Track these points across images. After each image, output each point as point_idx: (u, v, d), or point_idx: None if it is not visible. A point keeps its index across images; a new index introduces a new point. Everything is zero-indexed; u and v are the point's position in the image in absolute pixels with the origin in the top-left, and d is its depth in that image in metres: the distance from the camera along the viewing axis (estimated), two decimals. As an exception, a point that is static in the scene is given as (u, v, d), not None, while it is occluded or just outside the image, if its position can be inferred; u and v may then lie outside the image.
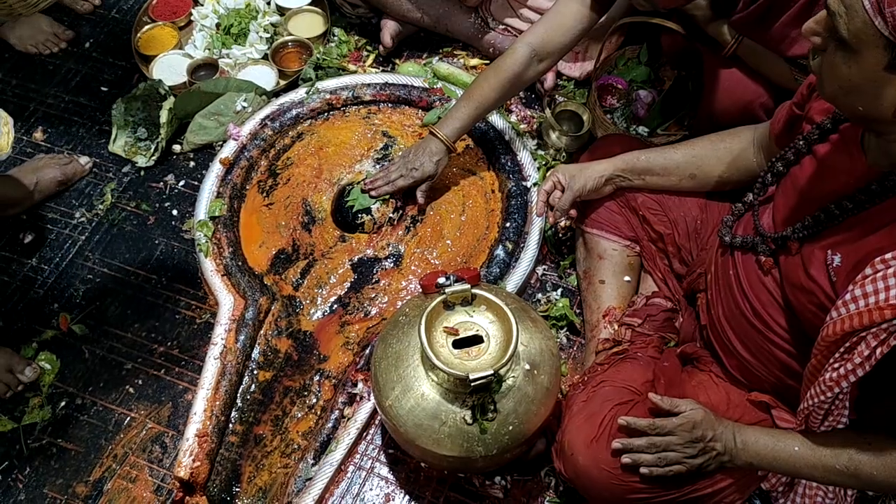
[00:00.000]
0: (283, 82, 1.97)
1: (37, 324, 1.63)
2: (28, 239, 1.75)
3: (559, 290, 1.67)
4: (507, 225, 1.69)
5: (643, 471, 1.12)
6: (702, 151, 1.39)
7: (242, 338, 1.53)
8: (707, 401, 1.20)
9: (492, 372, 1.10)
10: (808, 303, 1.03)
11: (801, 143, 1.11)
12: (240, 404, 1.49)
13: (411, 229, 1.71)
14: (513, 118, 1.91)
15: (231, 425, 1.46)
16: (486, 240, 1.70)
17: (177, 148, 1.90)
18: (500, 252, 1.65)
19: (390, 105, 1.92)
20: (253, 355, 1.54)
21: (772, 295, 1.13)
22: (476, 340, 1.18)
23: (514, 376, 1.18)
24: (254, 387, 1.51)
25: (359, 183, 1.75)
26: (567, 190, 1.41)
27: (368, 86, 1.91)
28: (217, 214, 1.71)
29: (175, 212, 1.80)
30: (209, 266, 1.64)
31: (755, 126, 1.36)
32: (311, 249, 1.70)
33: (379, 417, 1.48)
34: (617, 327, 1.42)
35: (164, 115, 1.83)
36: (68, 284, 1.69)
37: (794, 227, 1.07)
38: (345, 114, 1.92)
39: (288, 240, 1.71)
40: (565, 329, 1.62)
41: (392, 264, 1.67)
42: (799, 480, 1.20)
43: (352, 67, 2.02)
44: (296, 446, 1.46)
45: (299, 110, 1.88)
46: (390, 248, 1.69)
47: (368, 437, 1.49)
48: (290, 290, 1.64)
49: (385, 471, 1.46)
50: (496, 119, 1.84)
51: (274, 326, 1.57)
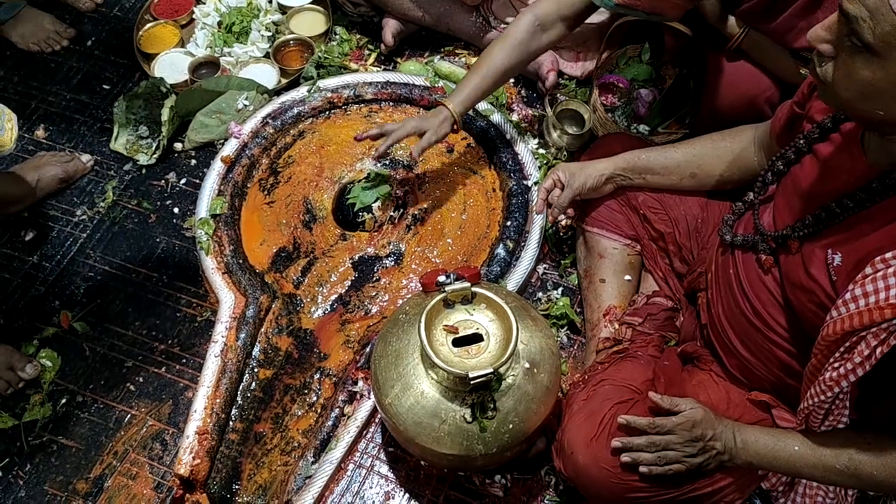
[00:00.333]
0: (284, 81, 1.97)
1: (38, 321, 1.63)
2: (29, 236, 1.76)
3: (560, 289, 1.67)
4: (508, 224, 1.69)
5: (643, 469, 1.12)
6: (702, 150, 1.39)
7: (243, 336, 1.53)
8: (707, 400, 1.20)
9: (491, 370, 1.09)
10: (808, 302, 1.03)
11: (802, 142, 1.11)
12: (240, 402, 1.49)
13: (412, 228, 1.71)
14: (514, 117, 1.91)
15: (231, 423, 1.47)
16: (487, 238, 1.70)
17: (178, 146, 1.90)
18: (500, 251, 1.65)
19: (392, 104, 1.92)
20: (253, 353, 1.54)
21: (772, 294, 1.13)
22: (476, 339, 1.18)
23: (514, 375, 1.18)
24: (254, 384, 1.51)
25: (360, 181, 1.75)
26: (567, 188, 1.41)
27: (370, 84, 1.91)
28: (218, 212, 1.71)
29: (176, 210, 1.81)
30: (210, 264, 1.64)
31: (756, 125, 1.36)
32: (312, 248, 1.70)
33: (379, 415, 1.48)
34: (617, 326, 1.42)
35: (165, 113, 1.83)
36: (69, 282, 1.69)
37: (794, 226, 1.07)
38: (346, 112, 1.92)
39: (289, 238, 1.71)
40: (566, 328, 1.62)
41: (393, 263, 1.67)
42: (799, 480, 1.20)
43: (353, 66, 2.02)
44: (296, 444, 1.46)
45: (301, 109, 1.88)
46: (391, 247, 1.69)
47: (368, 436, 1.49)
48: (290, 288, 1.64)
49: (385, 469, 1.47)
50: (497, 117, 1.84)
51: (274, 324, 1.58)
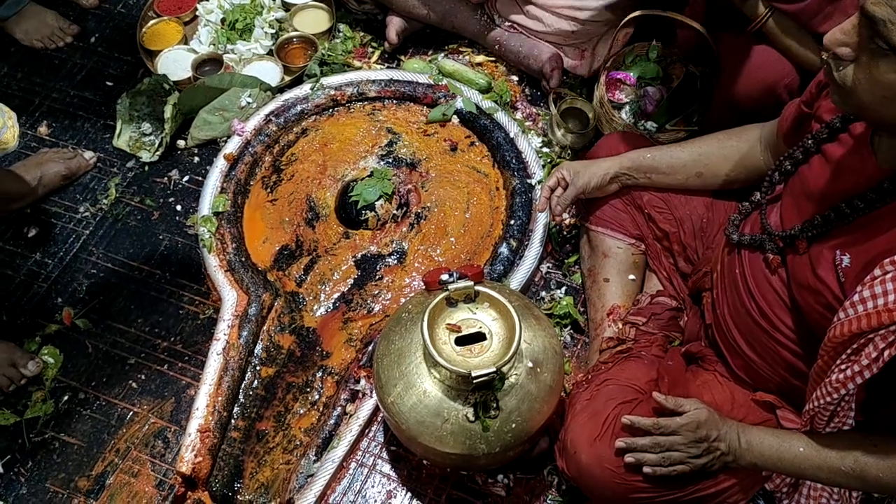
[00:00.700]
0: (287, 78, 1.97)
1: (40, 318, 1.63)
2: (32, 233, 1.76)
3: (563, 288, 1.66)
4: (512, 222, 1.68)
5: (646, 470, 1.12)
6: (708, 150, 1.38)
7: (245, 333, 1.52)
8: (711, 400, 1.19)
9: (494, 369, 1.09)
10: (815, 303, 1.03)
11: (810, 141, 1.10)
12: (242, 400, 1.49)
13: (415, 226, 1.71)
14: (518, 115, 1.90)
15: (233, 421, 1.46)
16: (491, 237, 1.69)
17: (181, 143, 1.89)
18: (504, 249, 1.64)
19: (395, 102, 1.92)
20: (256, 351, 1.54)
21: (778, 294, 1.12)
22: (479, 338, 1.17)
23: (516, 374, 1.18)
24: (256, 383, 1.51)
25: (363, 179, 1.75)
26: (570, 186, 1.41)
27: (373, 82, 1.91)
28: (221, 210, 1.71)
29: (179, 207, 1.80)
30: (213, 262, 1.64)
31: (762, 124, 1.35)
32: (315, 246, 1.69)
33: (381, 414, 1.47)
34: (621, 326, 1.42)
35: (168, 111, 1.83)
36: (72, 279, 1.69)
37: (802, 226, 1.06)
38: (349, 110, 1.91)
39: (291, 236, 1.71)
40: (569, 327, 1.61)
41: (395, 261, 1.66)
42: (803, 481, 1.19)
43: (357, 64, 2.02)
44: (298, 442, 1.46)
45: (304, 106, 1.88)
46: (394, 245, 1.68)
47: (371, 434, 1.49)
48: (293, 287, 1.63)
49: (387, 468, 1.46)
50: (501, 115, 1.83)
51: (277, 322, 1.57)
